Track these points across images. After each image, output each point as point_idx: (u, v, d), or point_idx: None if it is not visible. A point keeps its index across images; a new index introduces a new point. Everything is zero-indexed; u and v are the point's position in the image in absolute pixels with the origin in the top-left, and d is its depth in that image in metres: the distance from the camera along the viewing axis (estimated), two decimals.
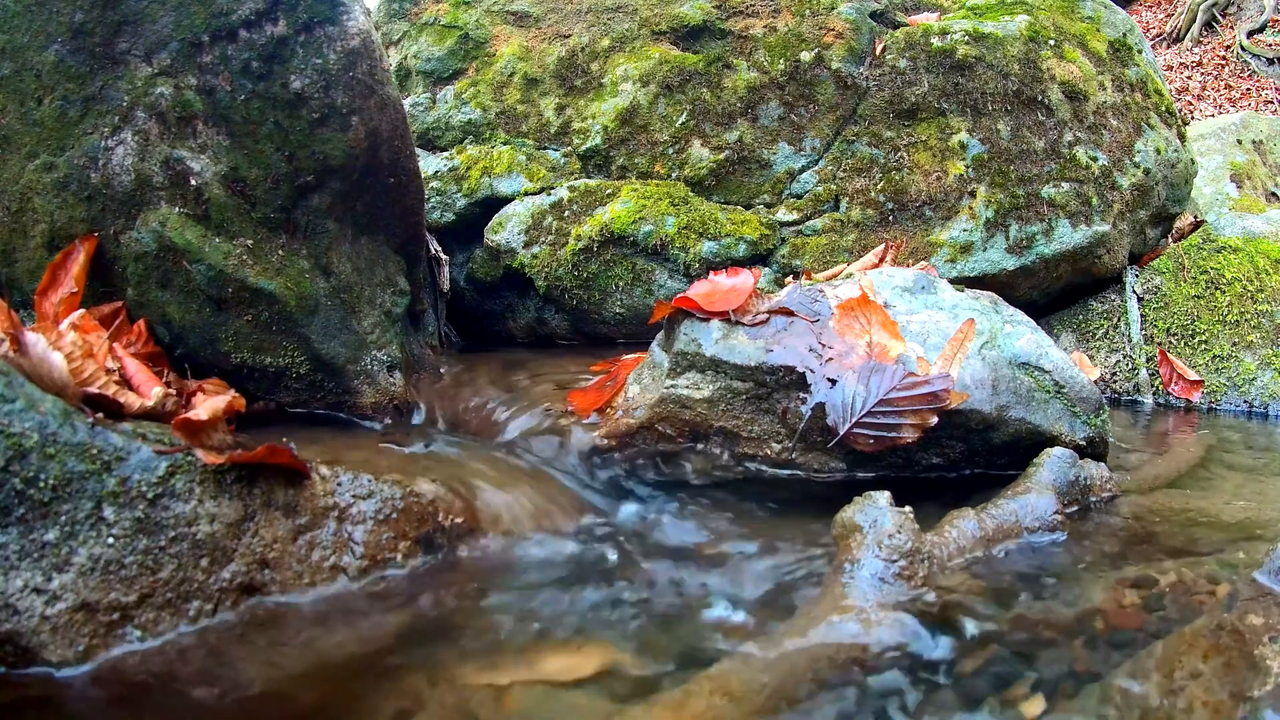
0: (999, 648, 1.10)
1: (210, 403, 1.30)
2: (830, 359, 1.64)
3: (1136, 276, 2.84)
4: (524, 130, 2.82)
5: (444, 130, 2.89)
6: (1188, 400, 2.62)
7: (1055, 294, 2.77)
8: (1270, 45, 10.92)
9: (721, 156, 2.65)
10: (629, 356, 2.00)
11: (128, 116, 1.70)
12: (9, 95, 1.74)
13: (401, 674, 1.07)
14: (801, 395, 1.64)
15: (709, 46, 2.79)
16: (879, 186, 2.59)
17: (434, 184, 2.77)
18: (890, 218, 2.58)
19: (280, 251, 1.79)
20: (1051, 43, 2.70)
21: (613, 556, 1.43)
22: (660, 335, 1.83)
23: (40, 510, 1.10)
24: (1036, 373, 1.67)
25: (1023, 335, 1.71)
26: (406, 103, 2.91)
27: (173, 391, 1.50)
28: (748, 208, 2.64)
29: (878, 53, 2.69)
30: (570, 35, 2.88)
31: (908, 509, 1.31)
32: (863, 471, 1.67)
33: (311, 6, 1.73)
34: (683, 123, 2.68)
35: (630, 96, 2.72)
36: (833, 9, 2.75)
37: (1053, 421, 1.65)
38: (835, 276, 2.06)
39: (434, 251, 2.44)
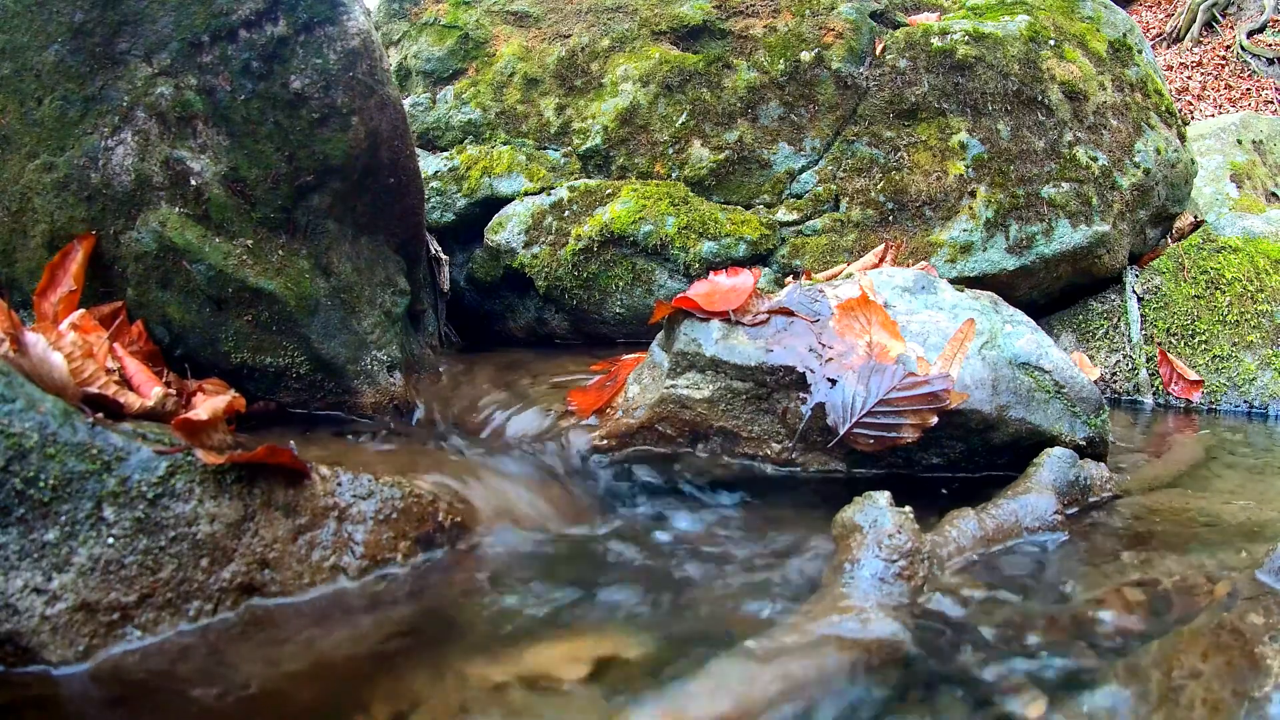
0: (1000, 648, 1.10)
1: (210, 403, 1.30)
2: (830, 359, 1.64)
3: (1136, 276, 2.84)
4: (524, 130, 2.82)
5: (444, 130, 2.89)
6: (1188, 400, 2.62)
7: (1055, 294, 2.77)
8: (1270, 45, 10.92)
9: (721, 156, 2.65)
10: (629, 356, 1.99)
11: (128, 116, 1.70)
12: (9, 95, 1.74)
13: (401, 673, 1.07)
14: (801, 395, 1.64)
15: (709, 46, 2.79)
16: (879, 186, 2.59)
17: (434, 184, 2.77)
18: (890, 218, 2.58)
19: (280, 251, 1.79)
20: (1051, 43, 2.70)
21: (612, 556, 1.43)
22: (660, 335, 1.83)
23: (40, 510, 1.10)
24: (1036, 373, 1.67)
25: (1023, 335, 1.71)
26: (406, 103, 2.91)
27: (173, 391, 1.50)
28: (748, 208, 2.64)
29: (878, 53, 2.69)
30: (570, 35, 2.88)
31: (908, 509, 1.31)
32: (862, 471, 1.67)
33: (311, 6, 1.73)
34: (683, 123, 2.68)
35: (630, 96, 2.72)
36: (833, 9, 2.75)
37: (1053, 421, 1.65)
38: (835, 276, 2.06)
39: (434, 251, 2.44)
